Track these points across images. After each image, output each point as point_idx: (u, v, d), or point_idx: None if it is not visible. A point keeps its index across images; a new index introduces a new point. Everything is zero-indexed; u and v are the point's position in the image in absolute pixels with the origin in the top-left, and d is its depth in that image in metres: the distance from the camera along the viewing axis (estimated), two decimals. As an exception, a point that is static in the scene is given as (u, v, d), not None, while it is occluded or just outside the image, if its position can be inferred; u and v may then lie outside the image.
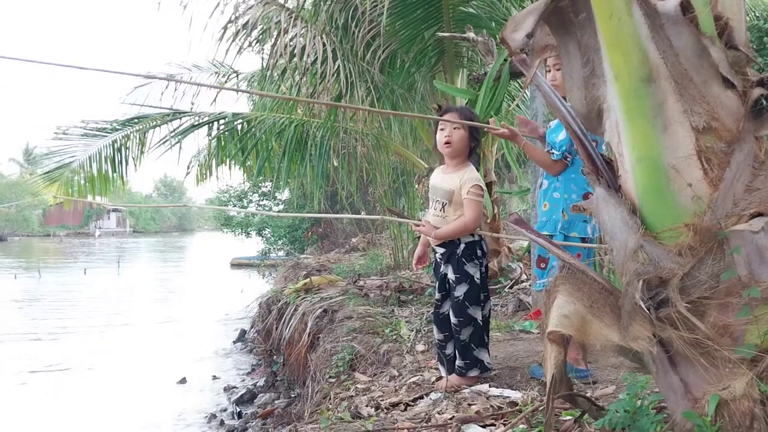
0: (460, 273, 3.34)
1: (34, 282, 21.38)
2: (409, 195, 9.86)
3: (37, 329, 12.49)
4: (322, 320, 6.31)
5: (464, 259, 3.33)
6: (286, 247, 17.07)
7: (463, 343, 3.35)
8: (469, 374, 3.35)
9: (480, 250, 3.37)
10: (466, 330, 3.33)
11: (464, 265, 3.33)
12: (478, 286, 3.33)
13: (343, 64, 6.29)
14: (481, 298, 3.36)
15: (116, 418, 6.93)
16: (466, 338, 3.34)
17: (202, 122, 7.43)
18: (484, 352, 3.36)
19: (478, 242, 3.37)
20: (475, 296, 3.33)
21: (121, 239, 58.87)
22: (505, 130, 3.36)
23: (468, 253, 3.34)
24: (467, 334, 3.33)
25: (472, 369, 3.35)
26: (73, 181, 7.73)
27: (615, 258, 1.76)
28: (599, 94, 1.71)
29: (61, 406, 7.41)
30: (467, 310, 3.33)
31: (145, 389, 8.09)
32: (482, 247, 3.39)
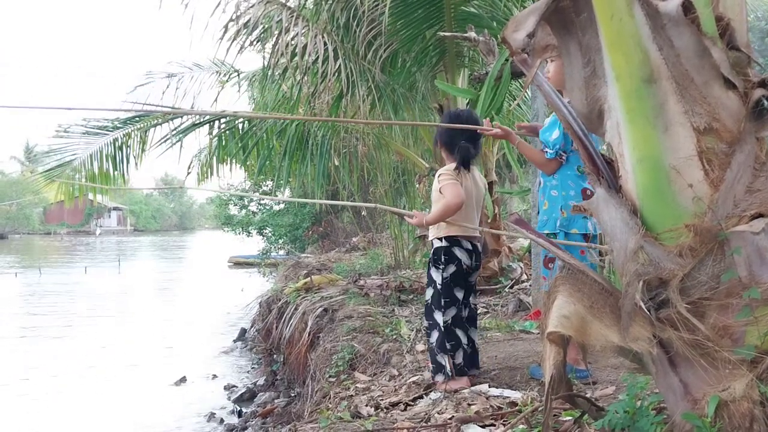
0: (428, 277, 3.49)
1: (34, 280, 21.38)
2: (410, 194, 9.85)
3: (37, 328, 12.49)
4: (323, 319, 6.31)
5: (431, 263, 3.46)
6: (287, 246, 17.06)
7: (431, 346, 3.42)
8: (436, 379, 3.39)
9: (445, 255, 3.38)
10: (433, 333, 3.41)
11: (429, 270, 3.47)
12: (439, 291, 3.39)
13: (344, 63, 6.29)
14: (442, 304, 3.38)
15: (116, 417, 6.93)
16: (433, 342, 3.40)
17: (203, 121, 7.42)
18: (444, 358, 3.36)
19: (444, 248, 3.39)
20: (436, 300, 3.40)
21: (121, 237, 58.85)
22: (497, 130, 3.38)
23: (434, 258, 3.44)
24: (434, 338, 3.39)
25: (438, 374, 3.39)
26: (74, 179, 7.72)
27: (615, 258, 1.76)
28: (600, 94, 1.71)
29: (61, 406, 7.41)
30: (432, 314, 3.42)
31: (145, 388, 8.08)
32: (449, 253, 3.38)
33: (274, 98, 8.42)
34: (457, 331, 3.37)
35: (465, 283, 3.43)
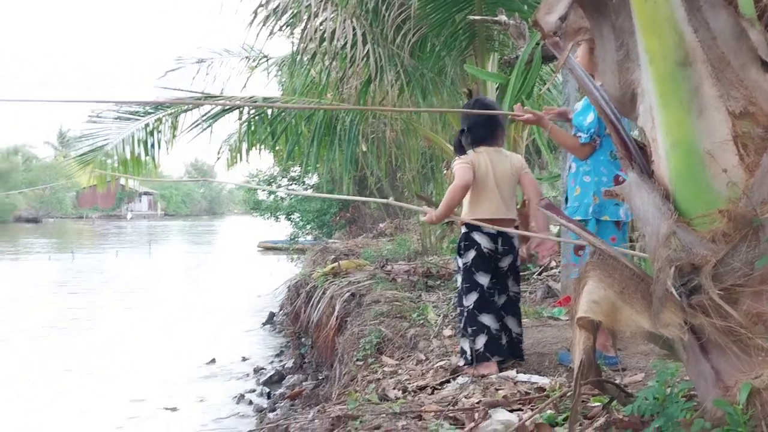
0: (456, 264, 3.54)
1: (67, 263, 21.85)
2: (438, 180, 9.83)
3: (70, 310, 12.79)
4: (350, 304, 6.36)
5: (456, 251, 3.54)
6: (315, 231, 17.18)
7: (461, 330, 3.48)
8: (458, 363, 3.46)
9: (465, 242, 3.42)
10: (462, 319, 3.45)
11: (456, 258, 3.55)
12: (463, 277, 3.45)
13: (373, 48, 6.27)
14: (464, 289, 3.42)
15: (147, 397, 7.08)
16: (461, 326, 3.45)
17: (232, 107, 7.48)
18: (465, 342, 3.40)
19: (464, 233, 3.44)
20: (462, 286, 3.46)
21: (152, 222, 59.76)
22: (529, 116, 3.34)
23: (458, 246, 3.50)
24: (462, 323, 3.44)
25: (461, 358, 3.46)
26: (106, 163, 7.85)
27: (647, 244, 1.74)
28: (633, 78, 1.69)
29: (94, 385, 7.59)
30: (461, 299, 3.46)
31: (176, 369, 8.24)
32: (469, 238, 3.41)
33: (302, 83, 8.44)
34: (482, 317, 3.36)
35: (491, 268, 3.41)
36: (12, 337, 10.20)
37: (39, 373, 8.08)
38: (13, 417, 6.58)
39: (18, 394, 7.27)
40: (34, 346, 9.51)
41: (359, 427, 2.60)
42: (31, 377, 7.92)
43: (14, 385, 7.59)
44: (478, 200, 3.36)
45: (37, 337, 10.14)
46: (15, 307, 13.12)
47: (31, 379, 7.86)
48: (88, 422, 6.40)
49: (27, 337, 10.17)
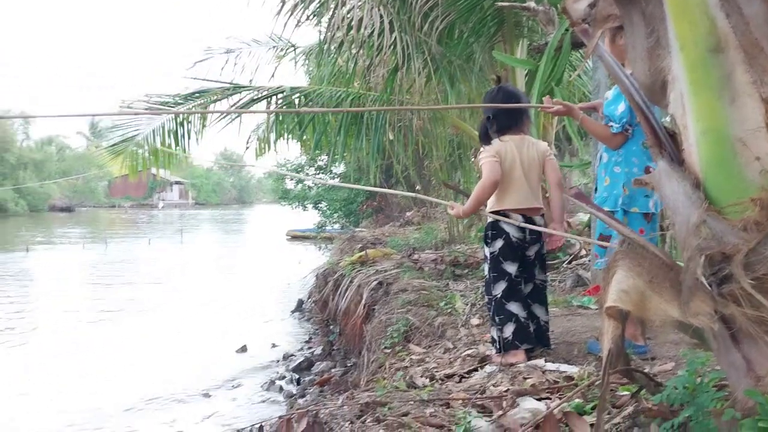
0: (484, 253, 3.57)
1: (101, 252, 22.28)
2: (465, 168, 9.78)
3: (104, 299, 13.06)
4: (377, 292, 6.39)
5: (483, 240, 3.55)
6: (342, 220, 17.25)
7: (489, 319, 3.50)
8: (490, 351, 3.49)
9: (493, 230, 3.42)
10: (491, 308, 3.46)
11: (483, 247, 3.58)
12: (489, 266, 3.46)
13: (400, 35, 6.25)
14: (491, 278, 3.43)
15: (180, 383, 7.22)
16: (490, 315, 3.47)
17: (261, 96, 7.52)
18: (494, 331, 3.42)
19: (491, 223, 3.43)
20: (489, 275, 3.47)
21: (183, 211, 60.57)
22: (559, 107, 3.31)
23: (485, 235, 3.51)
24: (491, 312, 3.45)
25: (491, 347, 3.49)
26: (137, 154, 7.96)
27: (677, 233, 1.72)
28: (664, 65, 1.66)
29: (127, 372, 7.76)
30: (489, 288, 3.47)
31: (208, 356, 8.39)
32: (497, 227, 3.40)
33: (329, 72, 8.45)
34: (510, 305, 3.36)
35: (519, 256, 3.40)
36: (56, 322, 10.48)
37: (77, 359, 8.30)
38: (62, 393, 6.80)
39: (60, 374, 7.48)
40: (75, 333, 9.76)
41: (387, 413, 2.62)
42: (70, 362, 8.14)
43: (57, 366, 7.81)
44: (506, 190, 3.35)
45: (78, 324, 10.40)
46: (52, 296, 13.45)
47: (70, 363, 8.07)
48: (127, 404, 6.56)
49: (69, 323, 10.45)
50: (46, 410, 6.45)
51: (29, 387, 7.19)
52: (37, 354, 8.60)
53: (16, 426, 6.09)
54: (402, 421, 2.49)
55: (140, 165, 8.00)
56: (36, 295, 13.64)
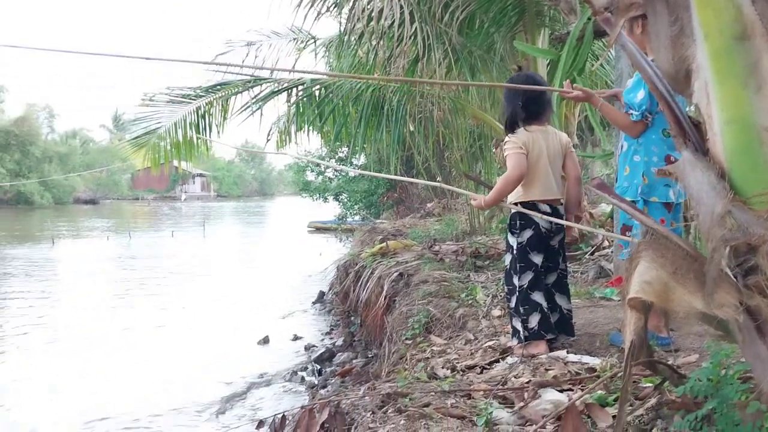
0: (506, 243, 3.54)
1: (125, 243, 22.57)
2: (486, 159, 9.73)
3: (129, 290, 13.25)
4: (398, 284, 6.40)
5: (508, 229, 3.51)
6: (362, 211, 17.29)
7: (510, 310, 3.46)
8: (510, 342, 3.45)
9: (521, 221, 3.37)
10: (512, 299, 3.43)
11: (507, 235, 3.52)
12: (515, 257, 3.41)
13: (420, 26, 6.22)
14: (517, 268, 3.39)
15: (204, 375, 7.31)
16: (512, 306, 3.43)
17: (281, 88, 7.54)
18: (518, 322, 3.38)
19: (519, 213, 3.38)
20: (514, 264, 3.42)
21: (205, 203, 61.11)
22: (578, 93, 3.28)
23: (510, 224, 3.47)
24: (513, 303, 3.42)
25: (513, 337, 3.44)
26: (160, 146, 8.03)
27: (701, 223, 1.70)
28: (688, 53, 1.64)
29: (151, 363, 7.87)
30: (512, 279, 3.44)
31: (231, 347, 8.48)
32: (526, 217, 3.36)
33: (350, 64, 8.45)
34: (535, 295, 3.36)
35: (545, 247, 3.40)
36: (81, 313, 10.66)
37: (102, 350, 8.43)
38: (89, 382, 6.92)
39: (86, 365, 7.61)
40: (100, 324, 9.92)
41: (409, 404, 2.63)
42: (95, 353, 8.27)
43: (85, 357, 7.95)
44: (533, 180, 3.33)
45: (102, 315, 10.56)
46: (77, 287, 13.67)
47: (95, 354, 8.21)
48: (149, 394, 6.66)
49: (93, 315, 10.61)
50: (75, 400, 6.58)
51: (57, 380, 7.33)
52: (63, 346, 8.76)
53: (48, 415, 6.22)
54: (423, 412, 2.50)
55: (162, 157, 8.06)
56: (60, 286, 13.87)
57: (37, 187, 49.01)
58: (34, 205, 48.50)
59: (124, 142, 9.77)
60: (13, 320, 10.21)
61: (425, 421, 2.42)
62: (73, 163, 56.75)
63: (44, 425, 5.97)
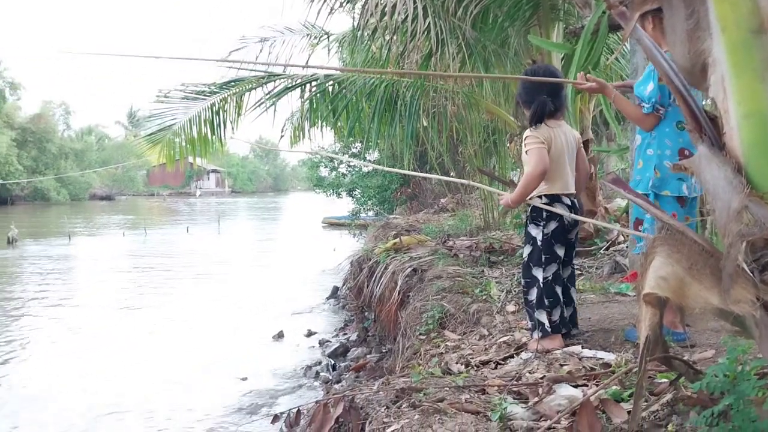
0: (525, 235, 3.46)
1: (140, 239, 22.74)
2: (501, 154, 9.70)
3: (144, 285, 13.35)
4: (412, 279, 6.40)
5: (528, 221, 3.43)
6: (376, 207, 17.29)
7: (530, 303, 3.40)
8: (533, 336, 3.39)
9: (547, 212, 3.32)
10: (531, 291, 3.38)
11: (528, 227, 3.43)
12: (539, 248, 3.35)
13: (434, 21, 6.21)
14: (542, 260, 3.34)
15: (219, 369, 7.36)
16: (532, 299, 3.38)
17: (295, 84, 7.56)
18: (543, 315, 3.34)
19: (545, 204, 3.33)
20: (536, 257, 3.37)
21: (220, 199, 61.41)
22: (592, 84, 3.27)
23: (533, 216, 3.40)
24: (533, 296, 3.37)
25: (535, 331, 3.38)
26: (175, 142, 8.07)
27: (717, 219, 1.69)
28: (704, 47, 1.62)
29: (165, 359, 7.93)
30: (531, 271, 3.39)
31: (246, 342, 8.53)
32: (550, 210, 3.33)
33: (363, 59, 8.45)
34: (556, 287, 3.36)
35: (566, 240, 3.39)
36: (96, 309, 10.76)
37: (117, 345, 8.52)
38: (103, 375, 6.99)
39: (100, 359, 7.70)
40: (115, 319, 10.01)
41: (423, 399, 2.64)
42: (109, 348, 8.36)
43: (102, 352, 8.03)
44: (554, 175, 3.31)
45: (118, 311, 10.66)
46: (93, 283, 13.80)
47: (109, 349, 8.29)
48: (165, 388, 6.72)
49: (108, 310, 10.72)
50: (90, 396, 6.65)
51: (74, 376, 7.41)
52: (78, 342, 8.85)
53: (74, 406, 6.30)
54: (437, 407, 2.50)
55: (178, 154, 8.11)
56: (76, 282, 14.02)
57: (54, 183, 49.54)
58: (51, 201, 49.01)
59: (139, 139, 9.84)
60: (31, 318, 10.35)
61: (439, 416, 2.42)
62: (89, 159, 57.25)
63: (60, 420, 6.03)
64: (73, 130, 63.63)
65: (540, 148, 3.24)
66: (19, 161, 47.21)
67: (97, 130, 68.87)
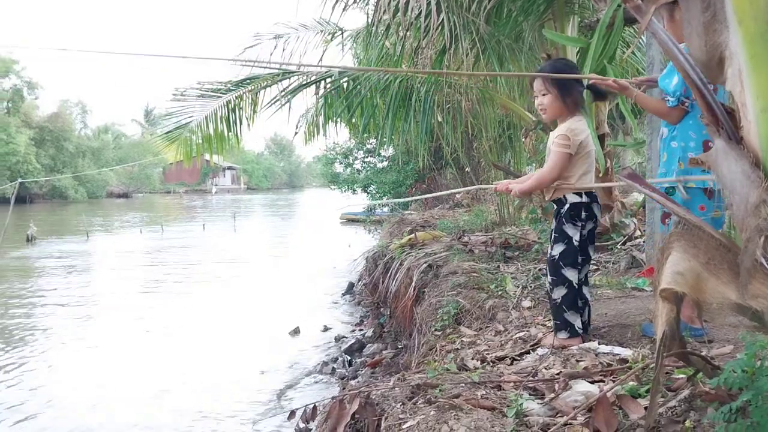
0: (559, 232, 3.28)
1: (157, 236, 22.92)
2: (516, 149, 9.66)
3: (162, 282, 13.46)
4: (427, 275, 6.40)
5: (565, 219, 3.26)
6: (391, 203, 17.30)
7: (555, 302, 3.30)
8: (558, 336, 3.31)
9: (586, 212, 3.24)
10: (558, 290, 3.28)
11: (563, 225, 3.26)
12: (575, 249, 3.24)
13: (448, 16, 6.19)
14: (578, 261, 3.26)
15: (237, 364, 7.42)
16: (557, 298, 3.28)
17: (309, 81, 7.58)
18: (575, 316, 3.27)
19: (585, 204, 3.23)
20: (571, 258, 3.25)
21: (235, 196, 61.73)
22: (611, 83, 3.24)
23: (570, 214, 3.24)
24: (559, 294, 3.27)
25: (561, 331, 3.30)
26: (191, 140, 8.13)
27: (735, 213, 1.68)
28: (721, 40, 1.61)
29: (184, 353, 8.00)
30: (561, 270, 3.27)
31: (262, 338, 8.59)
32: (590, 209, 3.25)
33: (377, 55, 8.44)
34: (583, 289, 3.33)
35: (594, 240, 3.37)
36: (115, 307, 10.88)
37: (137, 342, 8.60)
38: (125, 372, 7.06)
39: (122, 355, 7.78)
40: (134, 316, 10.11)
41: (438, 395, 2.64)
42: (129, 344, 8.44)
43: (119, 348, 8.12)
44: (585, 170, 3.23)
45: (136, 308, 10.76)
46: (111, 281, 13.94)
47: (129, 345, 8.38)
48: (182, 384, 6.77)
49: (127, 307, 10.82)
50: (113, 386, 6.73)
51: (96, 370, 7.50)
52: (99, 337, 8.95)
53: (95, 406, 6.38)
54: (453, 403, 2.51)
55: (194, 151, 8.17)
56: (94, 280, 14.16)
57: (71, 181, 50.03)
58: (69, 199, 49.52)
59: (156, 137, 9.90)
60: (51, 316, 10.48)
61: (455, 412, 2.42)
62: (106, 157, 57.73)
63: (86, 414, 6.11)
64: (90, 129, 64.22)
65: (565, 154, 3.16)
66: (38, 160, 47.73)
67: (113, 128, 69.44)
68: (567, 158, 3.17)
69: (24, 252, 18.40)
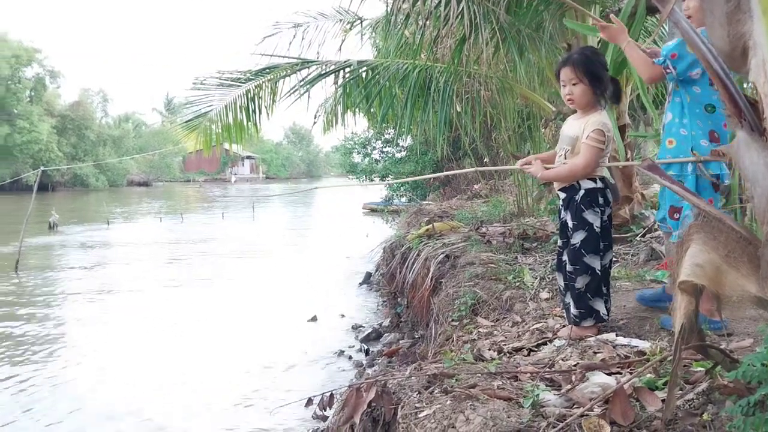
0: (578, 220, 3.23)
1: (177, 225, 23.13)
2: (535, 140, 9.58)
3: (182, 271, 13.60)
4: (445, 265, 6.39)
5: (583, 206, 3.21)
6: (409, 193, 17.28)
7: (578, 291, 3.25)
8: (583, 324, 3.27)
9: (602, 198, 3.21)
10: (581, 278, 3.23)
11: (582, 212, 3.21)
12: (597, 235, 3.20)
13: (468, 5, 6.14)
14: (600, 248, 3.22)
15: (255, 352, 7.49)
16: (581, 287, 3.24)
17: (328, 71, 7.58)
18: (600, 303, 3.24)
19: (600, 189, 3.20)
20: (593, 245, 3.21)
21: (254, 185, 62.03)
22: (612, 24, 3.25)
23: (588, 200, 3.20)
24: (583, 283, 3.23)
25: (587, 319, 3.26)
26: (210, 129, 8.18)
27: (756, 206, 1.66)
28: (744, 30, 1.59)
29: (204, 340, 8.09)
30: (583, 258, 3.22)
31: (281, 326, 8.66)
32: (605, 195, 3.22)
33: (396, 45, 8.42)
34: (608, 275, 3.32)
35: None
36: (135, 296, 11.01)
37: (156, 332, 8.71)
38: (144, 360, 7.17)
39: (144, 341, 7.89)
40: (153, 305, 10.24)
41: (455, 385, 2.65)
42: (147, 333, 8.55)
43: (141, 334, 8.23)
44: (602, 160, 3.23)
45: (156, 296, 10.89)
46: (131, 269, 14.10)
47: (147, 334, 8.49)
48: (203, 372, 6.86)
49: (147, 296, 10.96)
50: (130, 375, 6.83)
51: (117, 359, 7.61)
52: (121, 326, 9.07)
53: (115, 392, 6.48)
54: (469, 393, 2.51)
55: (214, 140, 8.21)
56: (115, 268, 14.33)
57: (93, 170, 50.61)
58: (90, 187, 50.13)
59: (176, 125, 9.98)
60: (74, 303, 10.64)
61: (471, 402, 2.43)
62: (127, 146, 58.27)
63: (109, 402, 6.21)
64: (111, 117, 64.88)
65: (599, 151, 3.13)
66: (59, 148, 48.32)
67: (134, 117, 70.03)
68: (600, 154, 3.15)
69: (46, 239, 18.67)
